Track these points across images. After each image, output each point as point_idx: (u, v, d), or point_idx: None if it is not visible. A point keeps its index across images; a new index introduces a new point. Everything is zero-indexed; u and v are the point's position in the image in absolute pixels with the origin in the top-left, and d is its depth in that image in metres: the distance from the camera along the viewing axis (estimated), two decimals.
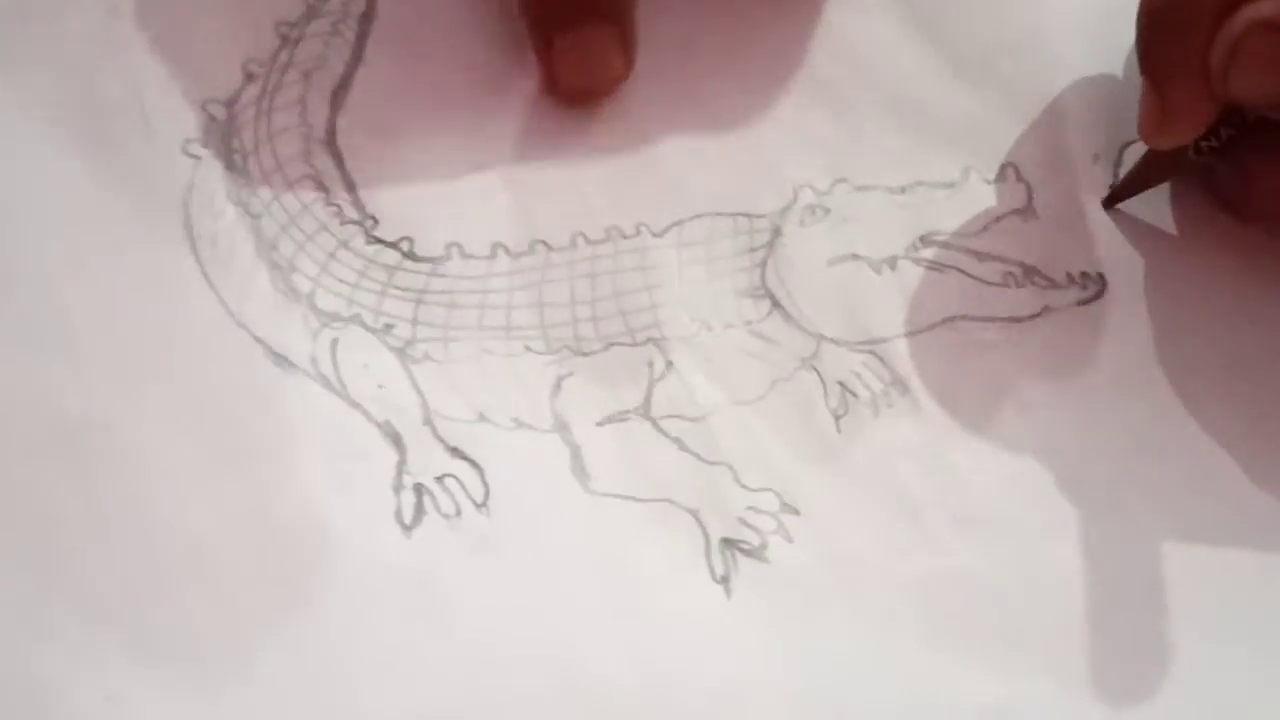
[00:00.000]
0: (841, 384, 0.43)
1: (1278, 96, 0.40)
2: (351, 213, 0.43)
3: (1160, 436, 0.43)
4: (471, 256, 0.43)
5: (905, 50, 0.48)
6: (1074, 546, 0.41)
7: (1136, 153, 0.46)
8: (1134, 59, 0.45)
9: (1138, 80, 0.44)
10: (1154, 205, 0.46)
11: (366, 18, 0.46)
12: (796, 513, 0.41)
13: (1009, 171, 0.46)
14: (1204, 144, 0.44)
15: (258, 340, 0.41)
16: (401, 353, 0.42)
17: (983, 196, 0.46)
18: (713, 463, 0.41)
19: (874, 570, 0.40)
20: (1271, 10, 0.40)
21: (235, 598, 0.38)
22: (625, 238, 0.44)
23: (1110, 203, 0.46)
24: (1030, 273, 0.45)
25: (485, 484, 0.40)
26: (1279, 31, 0.39)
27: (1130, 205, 0.46)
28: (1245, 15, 0.40)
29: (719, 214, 0.45)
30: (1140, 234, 0.46)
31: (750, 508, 0.41)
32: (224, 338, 0.41)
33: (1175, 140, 0.43)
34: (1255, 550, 0.42)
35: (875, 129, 0.47)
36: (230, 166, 0.43)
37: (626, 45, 0.45)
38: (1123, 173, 0.46)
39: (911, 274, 0.45)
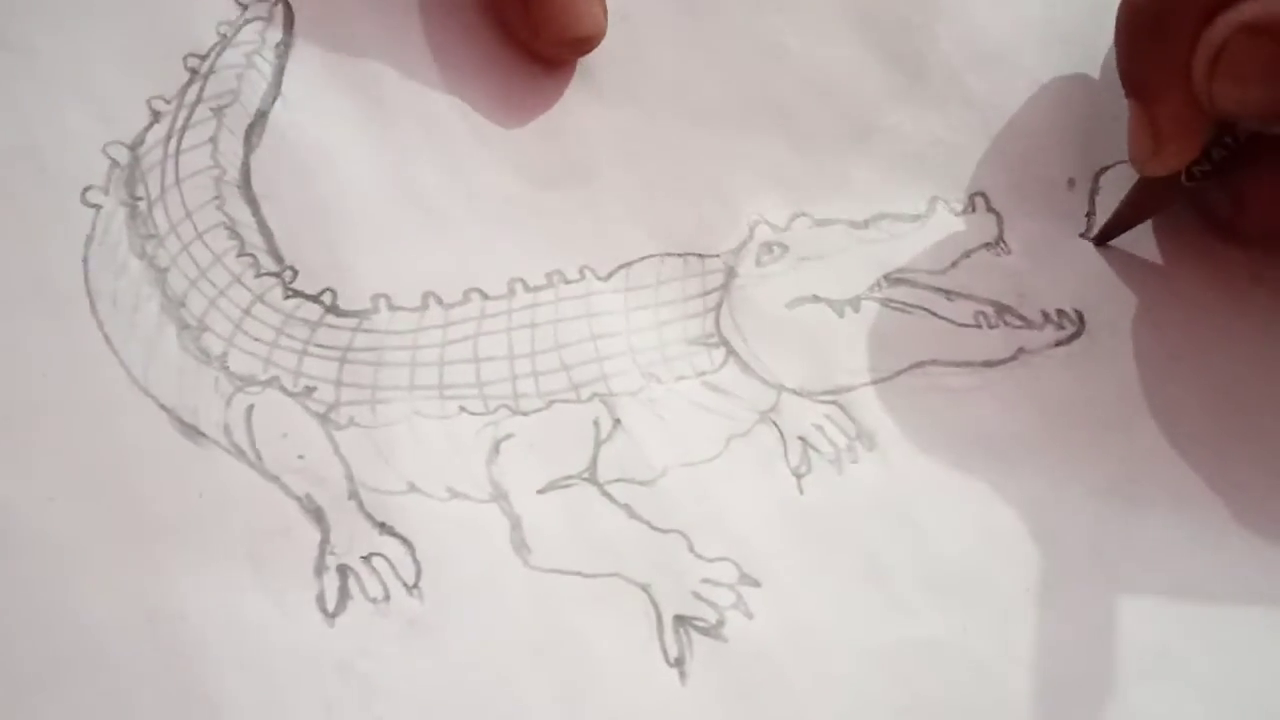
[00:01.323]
0: (803, 439, 0.40)
1: (1265, 106, 0.39)
2: (268, 263, 0.40)
3: (1144, 486, 0.41)
4: (400, 308, 0.40)
5: (867, 71, 0.46)
6: (1054, 609, 0.39)
7: (1114, 178, 0.45)
8: (1108, 70, 0.44)
9: (1112, 94, 0.43)
10: (1134, 233, 0.44)
11: (284, 48, 0.43)
12: (757, 584, 0.38)
13: (978, 201, 0.44)
14: (1196, 169, 0.42)
15: (163, 408, 0.38)
16: (324, 418, 0.39)
17: (951, 229, 0.44)
18: (665, 530, 0.39)
19: (841, 645, 0.38)
20: (1254, 13, 0.38)
21: (131, 694, 0.35)
22: (568, 283, 0.41)
23: (1102, 240, 0.44)
24: (1003, 312, 0.43)
25: (416, 562, 0.37)
26: (1262, 35, 0.38)
27: None
28: (1226, 20, 0.38)
29: (669, 255, 0.42)
30: (1119, 266, 0.44)
31: (706, 580, 0.38)
32: (126, 406, 0.38)
33: (1170, 166, 0.41)
34: (1248, 606, 0.40)
35: (835, 158, 0.45)
36: (134, 215, 0.40)
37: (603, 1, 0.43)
38: (1100, 200, 0.45)
39: (876, 316, 0.42)
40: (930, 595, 0.39)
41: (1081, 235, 0.44)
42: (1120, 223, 0.43)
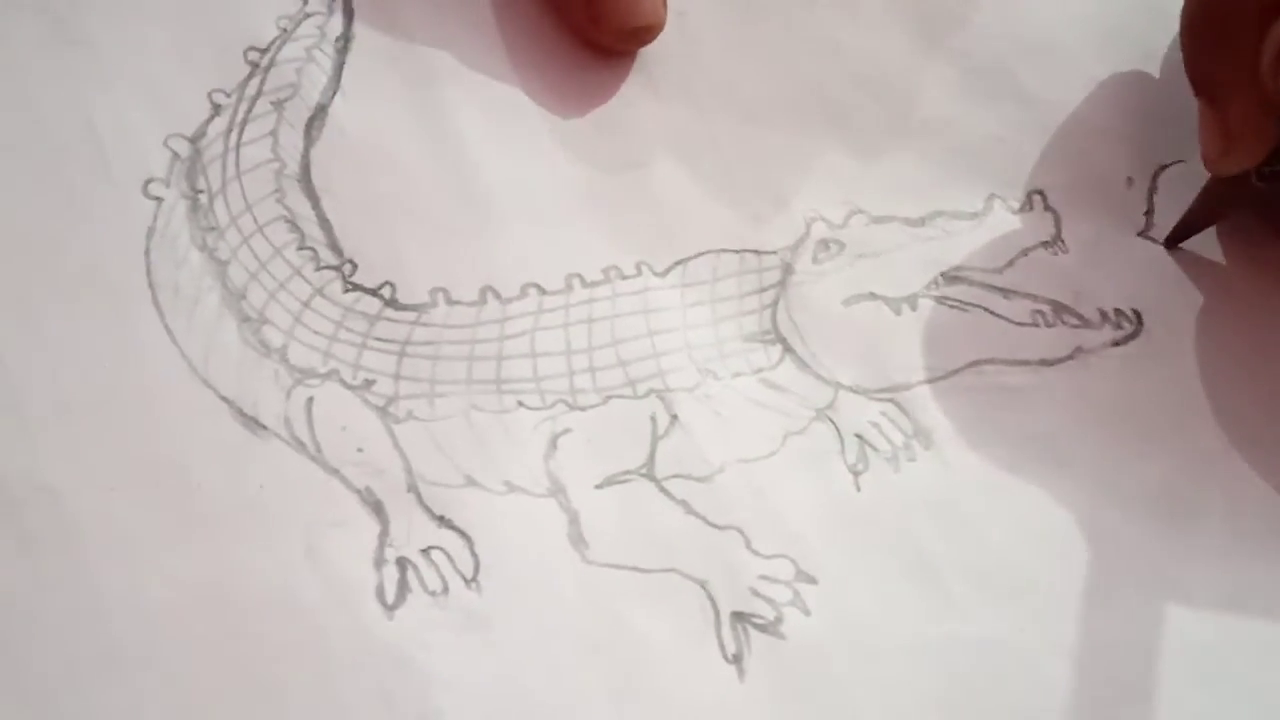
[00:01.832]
0: (860, 437, 0.40)
1: None
2: (328, 257, 0.40)
3: (1199, 489, 0.41)
4: (458, 303, 0.40)
5: (918, 66, 0.46)
6: (1106, 611, 0.39)
7: (1173, 177, 0.44)
8: (1166, 67, 0.44)
9: (1170, 92, 0.43)
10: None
11: (344, 42, 0.43)
12: (813, 581, 0.38)
13: (1035, 199, 0.44)
14: (1266, 169, 0.41)
15: (224, 399, 0.38)
16: (383, 411, 0.39)
17: (1008, 227, 0.43)
18: (722, 527, 0.39)
19: (895, 642, 0.38)
20: None
21: (192, 683, 0.35)
22: (625, 279, 0.41)
23: (1172, 243, 0.43)
24: (1061, 311, 0.42)
25: (475, 556, 0.37)
26: None
27: None
28: None
29: (725, 250, 0.42)
30: (1178, 266, 0.43)
31: (763, 577, 0.38)
32: (186, 396, 0.38)
33: (1241, 164, 0.41)
34: None
35: (891, 155, 0.44)
36: (195, 207, 0.40)
37: None
38: (1158, 199, 0.44)
39: (933, 314, 0.42)
40: (983, 594, 0.39)
41: (1140, 234, 0.44)
42: (1190, 225, 0.43)
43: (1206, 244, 0.44)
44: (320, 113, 0.42)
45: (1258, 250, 0.44)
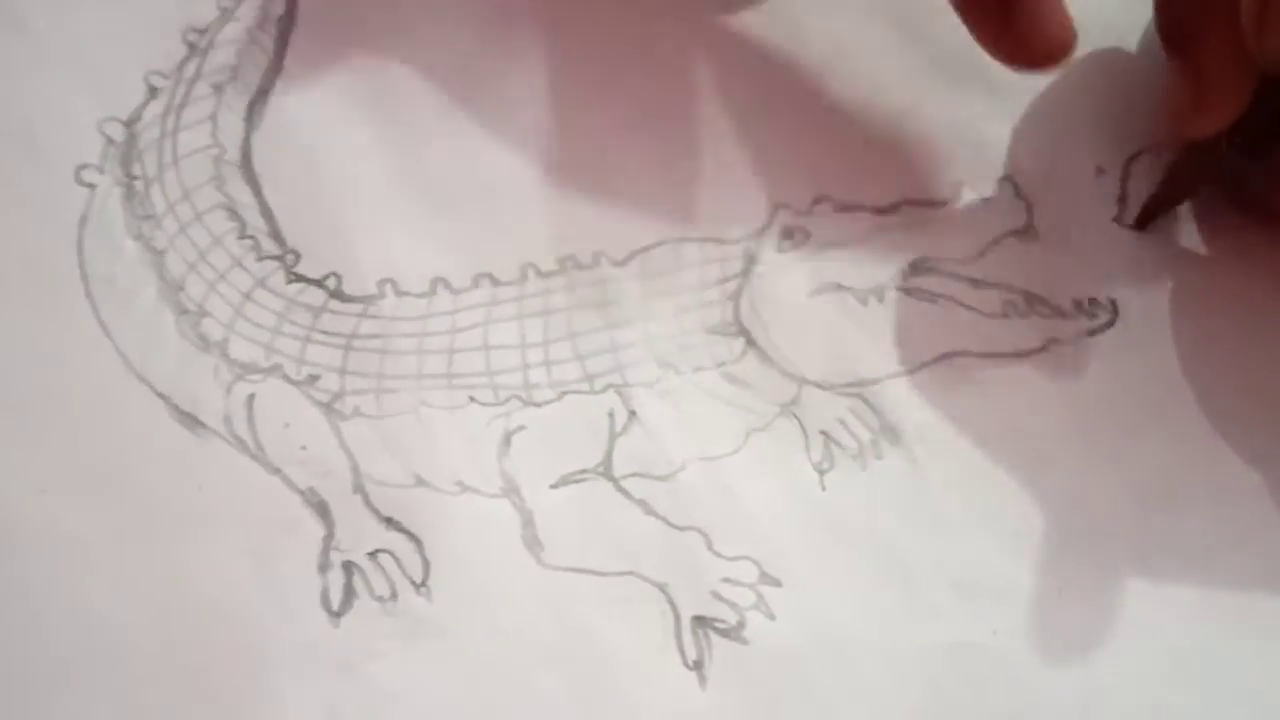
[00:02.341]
0: (825, 433, 0.39)
1: None
2: (270, 247, 0.39)
3: (1182, 480, 0.40)
4: (407, 294, 0.39)
5: (885, 52, 0.44)
6: (1088, 610, 0.38)
7: (1144, 166, 0.43)
8: (1138, 55, 0.43)
9: (1142, 81, 0.42)
10: (1168, 219, 0.43)
11: (286, 22, 0.42)
12: (778, 584, 0.38)
13: (1006, 186, 0.43)
14: (1236, 138, 0.40)
15: (161, 396, 0.37)
16: (328, 408, 0.38)
17: (978, 216, 0.42)
18: (683, 528, 0.38)
19: (866, 647, 0.37)
20: None
21: (131, 694, 0.35)
22: (581, 269, 0.40)
23: (1142, 222, 0.42)
24: (1033, 301, 0.41)
25: (425, 559, 0.37)
26: None
27: None
28: None
29: (686, 239, 0.41)
30: (1153, 252, 0.42)
31: (726, 579, 0.37)
32: (122, 394, 0.37)
33: (1216, 121, 0.40)
34: None
35: (858, 142, 0.43)
36: (130, 195, 0.39)
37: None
38: (1131, 186, 0.43)
39: (901, 306, 0.41)
40: (958, 596, 0.38)
41: (1114, 220, 0.43)
42: (1160, 202, 0.42)
43: (1180, 229, 0.43)
44: (261, 96, 0.41)
45: (1232, 234, 0.43)
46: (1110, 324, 0.41)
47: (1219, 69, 0.39)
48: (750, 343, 0.40)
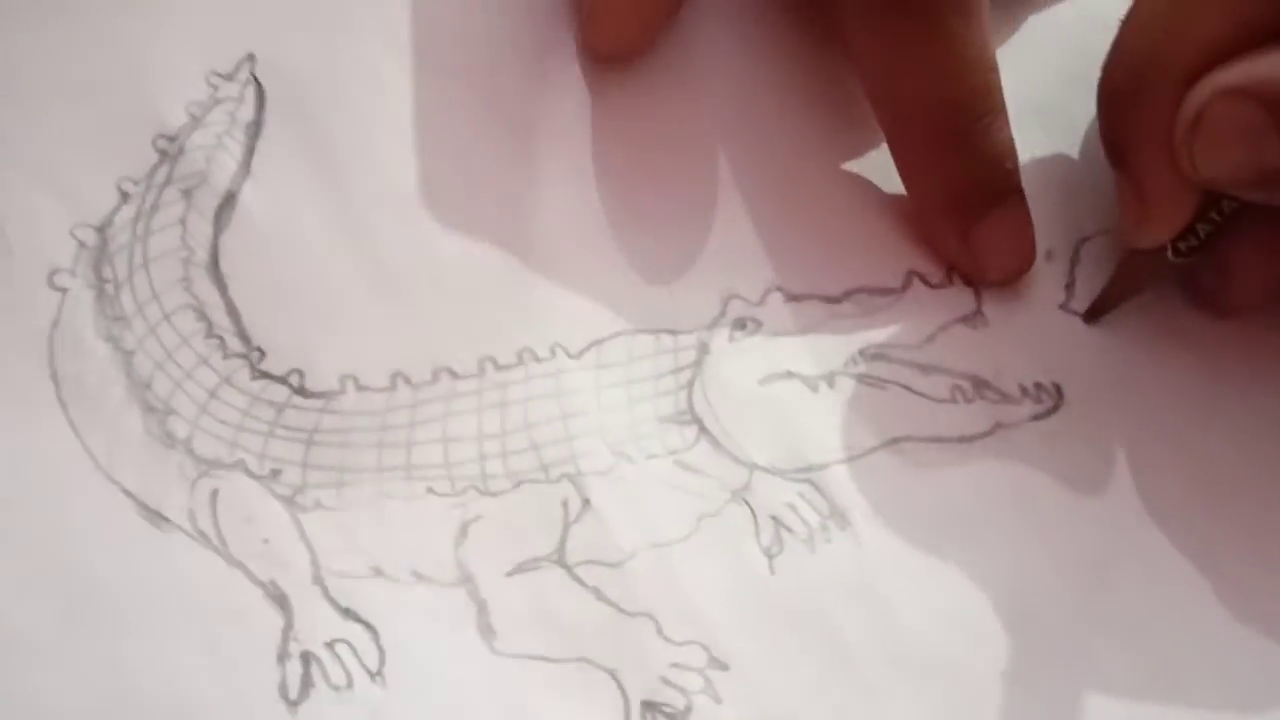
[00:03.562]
0: (775, 518, 0.40)
1: (1247, 170, 0.38)
2: (236, 345, 0.40)
3: (1120, 562, 0.40)
4: (368, 389, 0.40)
5: (836, 145, 0.45)
6: (1028, 690, 0.38)
7: (1094, 249, 0.44)
8: (1087, 142, 0.44)
9: (1090, 166, 0.43)
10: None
11: (254, 129, 0.43)
12: (725, 667, 0.38)
13: (955, 276, 0.43)
14: (1183, 244, 0.41)
15: (127, 494, 0.38)
16: (290, 501, 0.38)
17: (927, 303, 0.43)
18: (633, 614, 0.38)
19: None
20: (1235, 78, 0.37)
21: None
22: (538, 361, 0.41)
23: (1090, 318, 0.43)
24: (980, 386, 0.42)
25: (380, 649, 0.37)
26: (1243, 98, 0.37)
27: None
28: (1207, 84, 0.38)
29: (641, 331, 0.42)
30: (1099, 339, 0.43)
31: (674, 664, 0.38)
32: (89, 491, 0.38)
33: (1158, 236, 0.41)
34: (1225, 686, 0.39)
35: (809, 233, 0.44)
36: (101, 297, 0.40)
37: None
38: (1080, 270, 0.44)
39: (851, 391, 0.42)
40: (902, 677, 0.38)
41: (1061, 307, 0.44)
42: (1107, 300, 0.43)
43: (1126, 318, 0.43)
44: (229, 200, 0.42)
45: (1178, 323, 0.43)
46: (1055, 409, 0.42)
47: (1159, 187, 0.40)
48: (703, 430, 0.41)
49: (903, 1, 0.41)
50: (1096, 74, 0.41)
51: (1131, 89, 0.40)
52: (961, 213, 0.42)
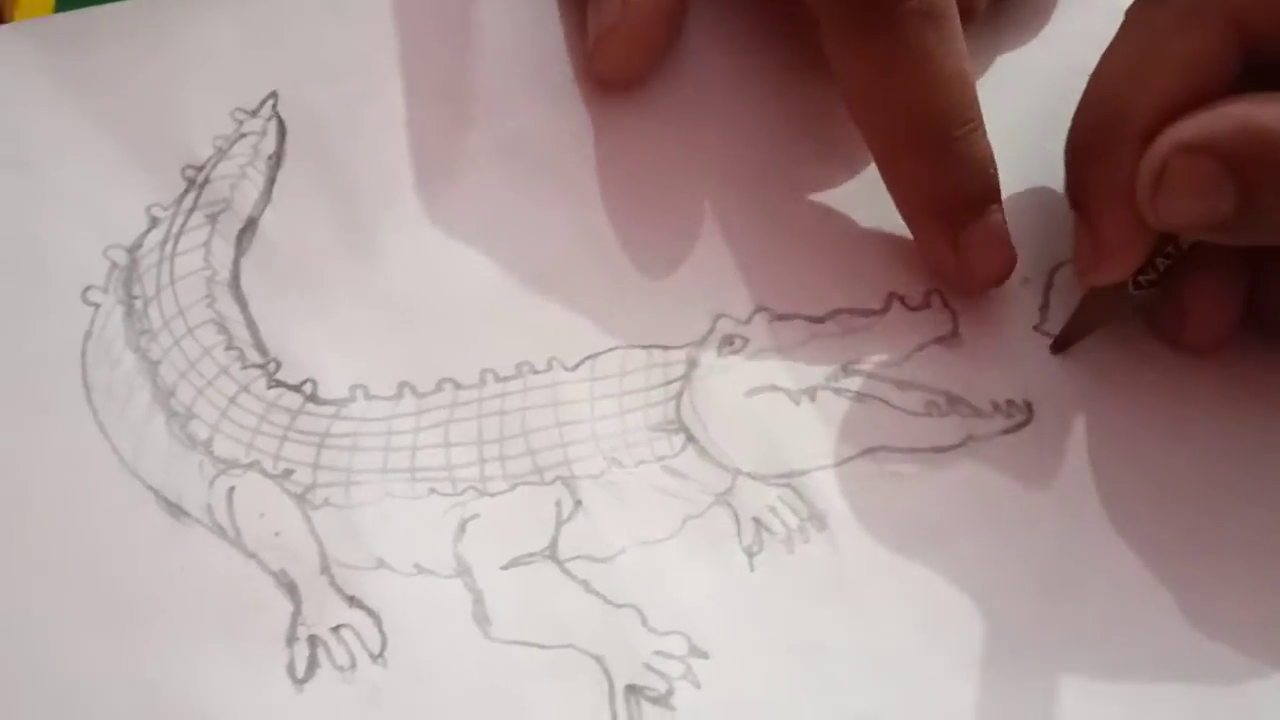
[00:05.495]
0: (756, 520, 0.42)
1: (1208, 221, 0.39)
2: (254, 356, 0.43)
3: (1083, 572, 0.41)
4: (376, 397, 0.43)
5: (820, 173, 0.47)
6: (989, 690, 0.40)
7: (1067, 275, 0.46)
8: (1059, 173, 0.45)
9: (1064, 196, 0.44)
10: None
11: (275, 160, 0.46)
12: (705, 656, 0.40)
13: (933, 298, 0.45)
14: (1142, 278, 0.43)
15: (150, 489, 0.41)
16: (301, 499, 0.41)
17: (906, 323, 0.45)
18: (620, 605, 0.40)
19: (781, 715, 0.39)
20: (1193, 133, 0.39)
21: None
22: (536, 373, 0.43)
23: (1058, 349, 0.45)
24: (954, 401, 0.44)
25: (382, 633, 0.40)
26: (1201, 154, 0.39)
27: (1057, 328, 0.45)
28: (1167, 139, 0.39)
29: (634, 346, 0.44)
30: (1070, 360, 0.45)
31: (657, 652, 0.40)
32: (115, 488, 0.41)
33: (1111, 276, 0.42)
34: (1189, 697, 0.40)
35: (795, 257, 0.46)
36: (130, 312, 0.43)
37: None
38: (1054, 294, 0.46)
39: (832, 404, 0.44)
40: (869, 671, 0.40)
41: (1035, 328, 0.45)
42: (1072, 333, 0.44)
43: (1097, 341, 0.45)
44: (251, 225, 0.45)
45: (1144, 348, 0.45)
46: (1025, 424, 0.43)
47: (1115, 234, 0.42)
48: (690, 439, 0.43)
49: (876, 19, 0.43)
50: (1066, 110, 0.44)
51: (1094, 143, 0.42)
52: (950, 220, 0.44)
